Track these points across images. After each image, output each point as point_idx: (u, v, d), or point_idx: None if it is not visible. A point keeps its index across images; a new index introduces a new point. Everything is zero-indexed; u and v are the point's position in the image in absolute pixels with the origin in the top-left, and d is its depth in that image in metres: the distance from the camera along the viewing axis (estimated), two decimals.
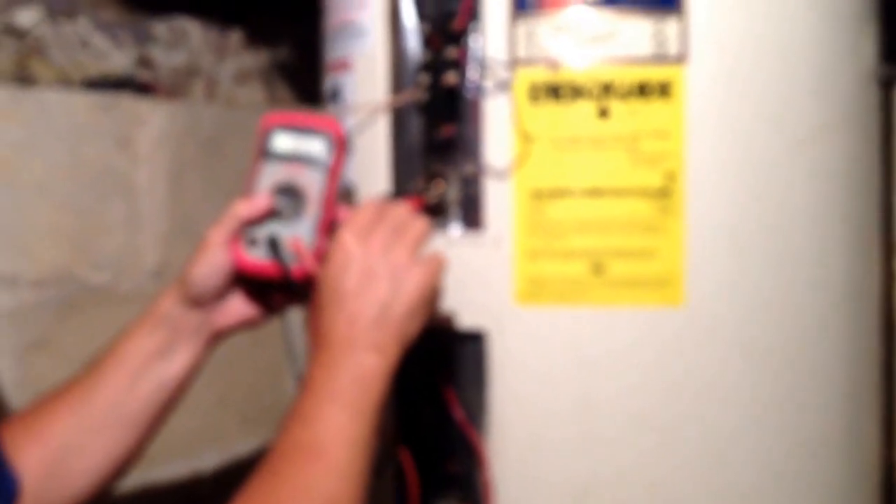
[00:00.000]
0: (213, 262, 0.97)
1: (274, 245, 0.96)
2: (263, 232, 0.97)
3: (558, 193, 1.05)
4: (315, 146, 0.98)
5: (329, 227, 0.98)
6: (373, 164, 1.14)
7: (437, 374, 1.09)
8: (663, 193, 1.04)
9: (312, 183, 0.98)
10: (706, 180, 1.04)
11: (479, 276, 1.08)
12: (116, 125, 1.61)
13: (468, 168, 1.09)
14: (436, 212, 1.10)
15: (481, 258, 1.08)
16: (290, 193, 0.97)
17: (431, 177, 1.12)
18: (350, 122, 1.15)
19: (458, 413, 1.08)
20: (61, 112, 1.54)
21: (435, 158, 1.12)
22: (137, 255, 1.65)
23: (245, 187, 0.98)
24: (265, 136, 0.99)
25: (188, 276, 0.98)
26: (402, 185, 1.13)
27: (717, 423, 1.05)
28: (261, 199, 0.97)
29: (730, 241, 1.05)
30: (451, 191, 1.11)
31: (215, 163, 1.77)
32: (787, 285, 1.08)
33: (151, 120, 1.67)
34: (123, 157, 1.63)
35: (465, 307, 1.08)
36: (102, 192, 1.60)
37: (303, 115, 1.01)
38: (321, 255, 0.96)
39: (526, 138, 1.05)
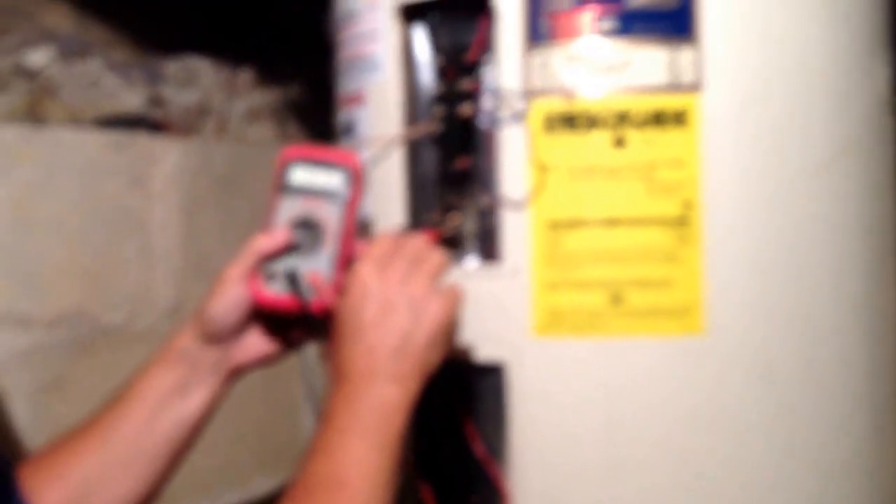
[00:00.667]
0: (231, 298, 0.97)
1: (293, 279, 0.95)
2: (282, 266, 0.96)
3: (575, 224, 1.04)
4: (333, 180, 0.98)
5: (347, 261, 0.97)
6: (388, 197, 1.14)
7: (457, 408, 1.09)
8: (680, 222, 1.03)
9: (330, 216, 0.97)
10: (723, 208, 1.04)
11: (496, 307, 1.07)
12: (130, 163, 1.62)
13: (484, 199, 1.09)
14: (452, 244, 1.10)
15: (499, 290, 1.07)
16: (308, 227, 0.97)
17: (447, 209, 1.12)
18: (365, 155, 1.15)
19: (479, 447, 1.07)
20: (75, 150, 1.55)
21: (450, 190, 1.12)
22: (151, 293, 1.65)
23: (263, 221, 0.98)
24: (283, 169, 0.98)
25: (206, 312, 0.98)
26: (418, 218, 1.13)
27: (742, 450, 1.04)
28: (280, 234, 0.96)
29: (748, 269, 1.05)
30: (467, 223, 1.11)
31: (228, 200, 1.77)
32: (807, 311, 1.07)
33: (165, 158, 1.67)
34: (137, 194, 1.63)
35: (484, 339, 1.08)
36: (116, 230, 1.60)
37: (320, 149, 1.01)
38: (339, 289, 0.95)
39: (542, 169, 1.05)
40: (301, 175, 0.98)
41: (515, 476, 1.07)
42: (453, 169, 1.11)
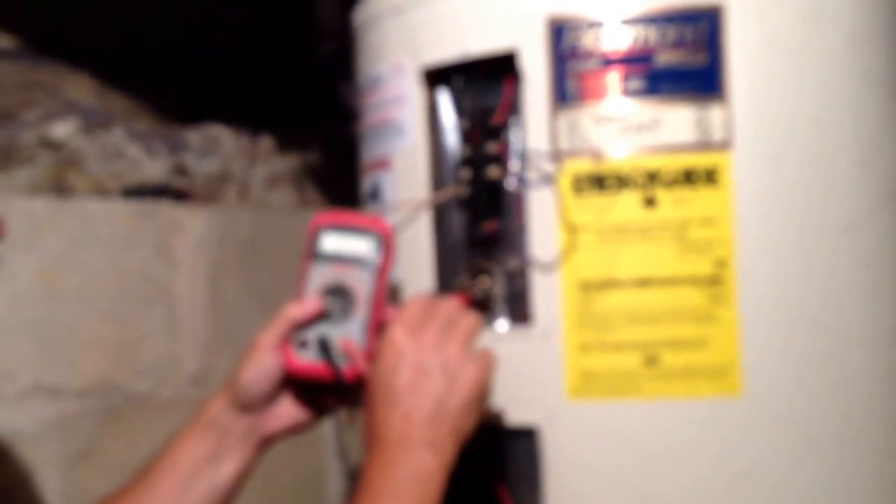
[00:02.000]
0: (263, 366, 0.96)
1: (325, 347, 0.95)
2: (313, 334, 0.96)
3: (607, 285, 1.04)
4: (363, 246, 0.98)
5: (378, 327, 0.96)
6: (416, 262, 1.13)
7: (489, 473, 1.07)
8: (713, 281, 1.02)
9: (361, 283, 0.97)
10: (756, 266, 1.03)
11: (528, 371, 1.06)
12: (156, 232, 1.63)
13: (513, 262, 1.09)
14: (482, 307, 1.09)
15: (530, 353, 1.06)
16: (339, 294, 0.97)
17: (476, 272, 1.11)
18: (392, 220, 1.15)
19: None
20: (102, 221, 1.56)
21: (478, 253, 1.11)
22: (178, 361, 1.65)
23: (295, 289, 0.98)
24: (314, 236, 0.98)
25: (238, 381, 0.97)
26: (446, 282, 1.13)
27: None
28: (311, 302, 0.96)
29: (783, 327, 1.03)
30: (496, 285, 1.10)
31: (251, 266, 1.77)
32: (843, 369, 1.05)
33: (190, 226, 1.68)
34: (163, 263, 1.64)
35: (516, 403, 1.06)
36: (143, 299, 1.60)
37: (350, 215, 1.00)
38: (371, 356, 0.94)
39: (571, 230, 1.04)
40: (331, 241, 0.98)
41: None
42: (481, 232, 1.11)
